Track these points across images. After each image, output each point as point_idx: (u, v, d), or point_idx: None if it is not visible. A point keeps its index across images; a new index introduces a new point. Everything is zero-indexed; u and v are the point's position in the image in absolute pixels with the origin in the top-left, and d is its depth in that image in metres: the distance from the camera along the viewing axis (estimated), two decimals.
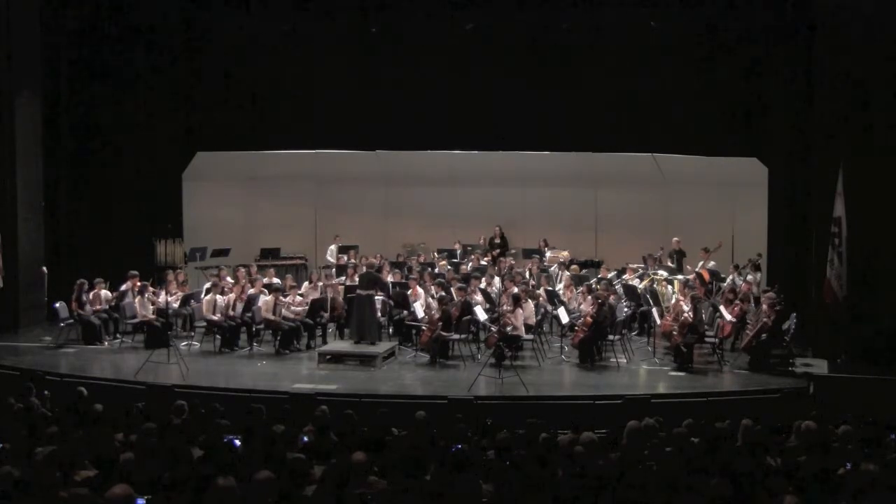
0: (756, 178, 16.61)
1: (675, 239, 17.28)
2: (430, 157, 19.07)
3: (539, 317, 14.07)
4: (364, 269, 15.04)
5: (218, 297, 14.12)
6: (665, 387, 12.08)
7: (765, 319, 12.63)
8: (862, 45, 12.89)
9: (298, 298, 14.44)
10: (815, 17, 14.34)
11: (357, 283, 14.14)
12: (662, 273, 16.47)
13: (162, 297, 14.12)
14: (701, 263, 16.17)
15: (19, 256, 15.28)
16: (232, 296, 14.19)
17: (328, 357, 13.11)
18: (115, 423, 7.86)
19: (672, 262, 16.98)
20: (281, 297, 14.17)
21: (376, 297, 13.86)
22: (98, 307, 14.37)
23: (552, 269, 17.11)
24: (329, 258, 18.64)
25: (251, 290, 14.47)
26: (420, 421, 8.39)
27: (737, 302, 13.54)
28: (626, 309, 14.41)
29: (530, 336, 13.46)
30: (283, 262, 18.57)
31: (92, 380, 11.69)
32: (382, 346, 13.50)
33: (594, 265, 17.41)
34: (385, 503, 5.59)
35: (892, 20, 12.67)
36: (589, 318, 13.13)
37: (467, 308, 13.57)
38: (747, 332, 13.06)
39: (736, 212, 18.64)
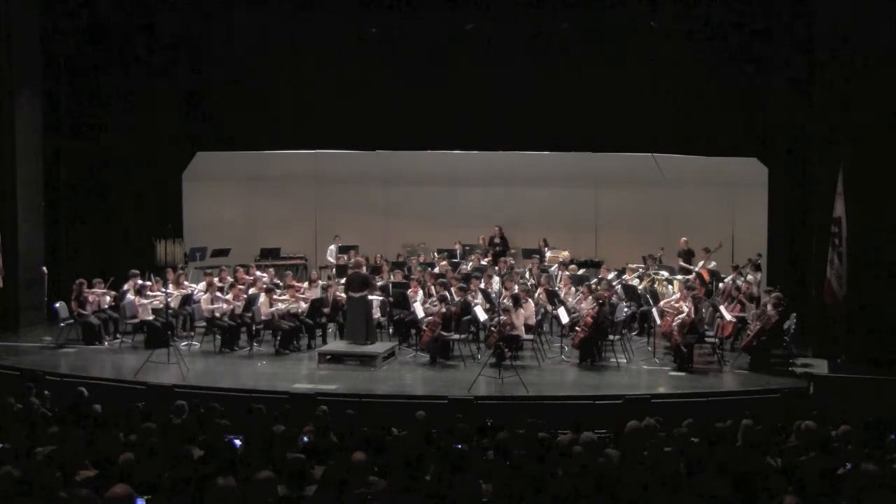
0: (756, 178, 16.62)
1: (684, 239, 17.28)
2: (430, 157, 19.06)
3: (539, 317, 14.08)
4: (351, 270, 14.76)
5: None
6: (665, 387, 12.08)
7: (766, 319, 12.62)
8: (862, 44, 12.88)
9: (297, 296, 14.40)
10: (814, 17, 14.34)
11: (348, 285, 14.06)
12: (663, 273, 16.49)
13: (162, 296, 14.10)
14: (701, 263, 16.17)
15: (19, 256, 15.27)
16: (231, 296, 14.18)
17: (328, 357, 13.10)
18: (116, 423, 7.85)
19: (682, 261, 16.97)
20: (275, 296, 14.16)
21: (371, 298, 13.82)
22: (98, 307, 14.36)
23: (552, 269, 17.10)
24: (329, 258, 18.63)
25: (251, 290, 14.47)
26: (420, 421, 8.39)
27: (737, 301, 13.55)
28: (626, 309, 14.42)
29: (530, 336, 13.46)
30: (283, 262, 18.58)
31: (92, 380, 11.70)
32: (382, 346, 13.50)
33: (594, 265, 17.41)
34: (385, 503, 5.58)
35: (892, 20, 12.66)
36: (589, 319, 13.13)
37: (467, 308, 13.57)
38: (747, 332, 13.06)
39: (736, 212, 18.64)
